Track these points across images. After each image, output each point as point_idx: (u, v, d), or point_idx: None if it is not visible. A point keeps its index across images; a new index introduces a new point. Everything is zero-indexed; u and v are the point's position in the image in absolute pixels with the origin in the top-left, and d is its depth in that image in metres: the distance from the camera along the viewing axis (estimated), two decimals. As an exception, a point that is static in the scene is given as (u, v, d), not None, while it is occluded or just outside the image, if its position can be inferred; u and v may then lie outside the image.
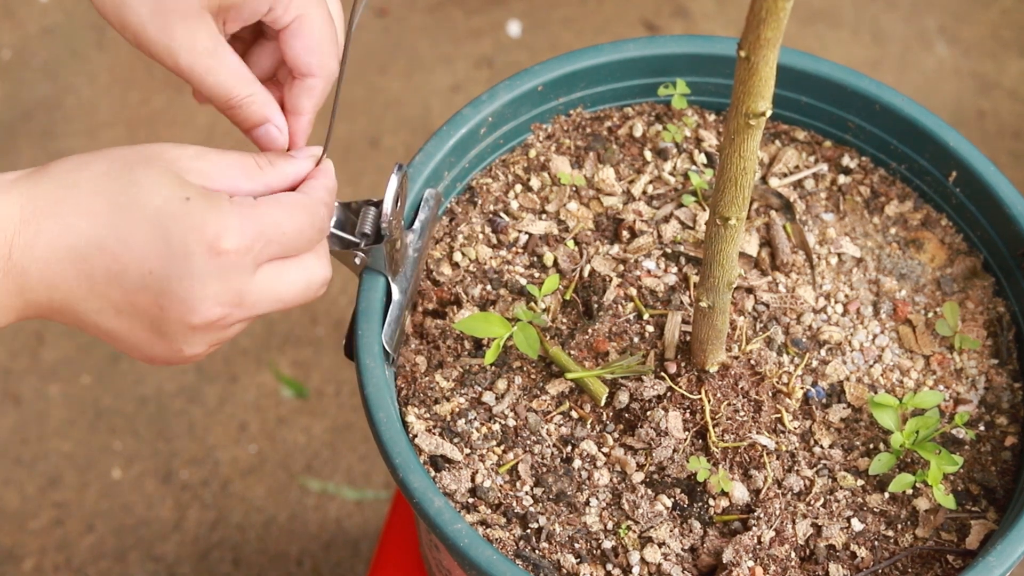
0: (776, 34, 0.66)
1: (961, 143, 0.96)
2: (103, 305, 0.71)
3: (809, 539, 0.86)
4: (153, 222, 0.70)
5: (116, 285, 0.71)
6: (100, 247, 0.70)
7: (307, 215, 0.76)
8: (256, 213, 0.73)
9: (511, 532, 0.85)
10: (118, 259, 0.70)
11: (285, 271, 0.75)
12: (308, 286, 0.77)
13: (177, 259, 0.70)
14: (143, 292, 0.71)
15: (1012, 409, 0.92)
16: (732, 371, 0.90)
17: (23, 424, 1.76)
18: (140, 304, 0.71)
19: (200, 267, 0.71)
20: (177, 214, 0.70)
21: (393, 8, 2.14)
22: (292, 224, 0.74)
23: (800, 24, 2.11)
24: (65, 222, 0.70)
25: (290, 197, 0.76)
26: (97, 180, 0.71)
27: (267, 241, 0.73)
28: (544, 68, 0.99)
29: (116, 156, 0.72)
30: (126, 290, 0.71)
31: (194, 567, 1.67)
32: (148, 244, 0.70)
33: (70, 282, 0.70)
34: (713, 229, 0.78)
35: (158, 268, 0.70)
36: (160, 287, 0.71)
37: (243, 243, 0.71)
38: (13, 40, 2.10)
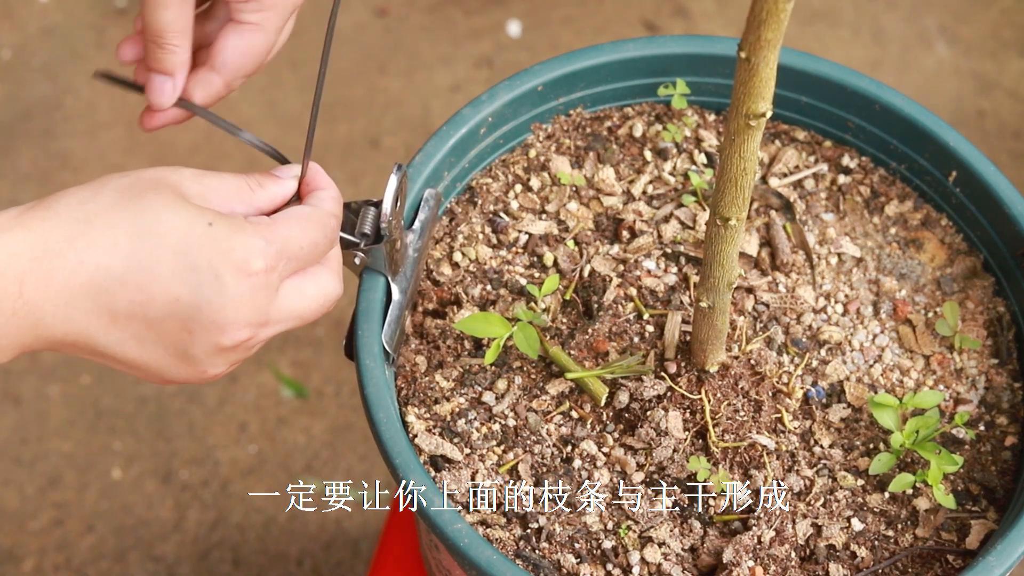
0: (776, 35, 0.66)
1: (961, 143, 0.96)
2: (124, 336, 0.72)
3: (809, 539, 0.86)
4: (177, 250, 0.70)
5: (140, 315, 0.71)
6: (122, 280, 0.70)
7: (320, 228, 0.77)
8: (275, 232, 0.74)
9: (511, 532, 0.85)
10: (143, 289, 0.70)
11: (304, 287, 0.76)
12: (324, 302, 0.78)
13: (207, 284, 0.71)
14: (170, 319, 0.71)
15: (1012, 409, 0.92)
16: (732, 371, 0.90)
17: (23, 424, 1.76)
18: (166, 331, 0.72)
19: (231, 290, 0.71)
20: (202, 240, 0.71)
21: (393, 8, 2.14)
22: (307, 239, 0.75)
23: (800, 24, 2.11)
24: (81, 257, 0.69)
25: (302, 212, 0.76)
26: (110, 212, 0.70)
27: (288, 258, 0.74)
28: (544, 68, 0.99)
29: (122, 186, 0.72)
30: (151, 319, 0.71)
31: (194, 567, 1.67)
32: (174, 272, 0.70)
33: (89, 316, 0.70)
34: (713, 229, 0.78)
35: (186, 295, 0.71)
36: (189, 313, 0.71)
37: (269, 263, 0.73)
38: (13, 40, 2.10)
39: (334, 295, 0.79)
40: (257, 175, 0.79)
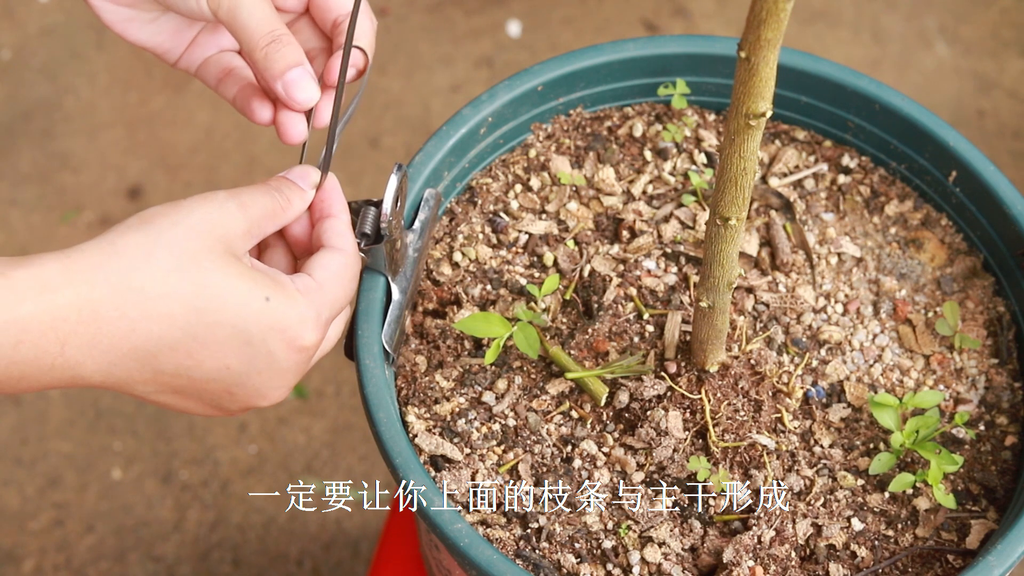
0: (776, 35, 0.66)
1: (961, 143, 0.96)
2: (163, 388, 0.72)
3: (809, 539, 0.86)
4: (235, 324, 0.71)
5: (185, 376, 0.72)
6: (173, 347, 0.70)
7: (354, 278, 0.79)
8: (323, 299, 0.75)
9: (511, 532, 0.85)
10: (192, 356, 0.71)
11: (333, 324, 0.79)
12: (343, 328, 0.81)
13: (260, 358, 0.72)
14: (214, 383, 0.73)
15: (1012, 409, 0.92)
16: (732, 371, 0.90)
17: (23, 425, 1.76)
18: (208, 391, 0.73)
19: (282, 363, 0.73)
20: (259, 316, 0.71)
21: (393, 8, 2.14)
22: (348, 294, 0.78)
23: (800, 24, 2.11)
24: (133, 326, 0.68)
25: (340, 265, 0.77)
26: (167, 281, 0.69)
27: (331, 315, 0.76)
28: (544, 68, 0.99)
29: (176, 246, 0.70)
30: (195, 380, 0.72)
31: (194, 568, 1.67)
32: (228, 344, 0.71)
33: (132, 372, 0.70)
34: (713, 229, 0.78)
35: (236, 365, 0.72)
36: (236, 380, 0.73)
37: (318, 334, 0.74)
38: (13, 40, 2.10)
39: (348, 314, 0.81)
40: (284, 189, 0.78)
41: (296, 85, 0.78)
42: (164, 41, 0.84)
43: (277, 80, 0.78)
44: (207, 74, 0.86)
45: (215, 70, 0.85)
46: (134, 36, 0.84)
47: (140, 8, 0.83)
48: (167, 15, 0.84)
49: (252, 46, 0.78)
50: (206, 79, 0.86)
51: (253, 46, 0.78)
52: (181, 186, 1.95)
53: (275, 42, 0.77)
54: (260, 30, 0.77)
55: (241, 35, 0.78)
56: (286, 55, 0.78)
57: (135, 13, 0.83)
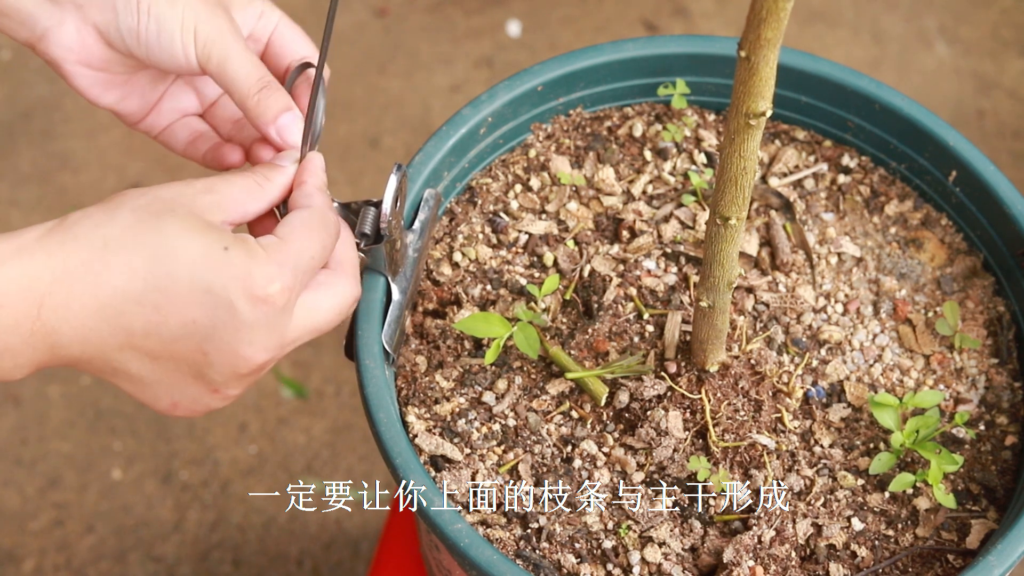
0: (776, 34, 0.66)
1: (961, 143, 0.96)
2: (138, 353, 0.72)
3: (809, 539, 0.86)
4: (194, 273, 0.71)
5: (155, 335, 0.71)
6: (138, 301, 0.70)
7: (322, 228, 0.77)
8: (286, 251, 0.74)
9: (511, 532, 0.85)
10: (158, 310, 0.71)
11: (319, 301, 0.77)
12: (341, 309, 0.78)
13: (221, 309, 0.71)
14: (185, 340, 0.72)
15: (1012, 408, 0.92)
16: (732, 371, 0.90)
17: (23, 425, 1.76)
18: (180, 351, 0.72)
19: (247, 317, 0.72)
20: (218, 264, 0.71)
21: (393, 8, 2.14)
22: (316, 245, 0.76)
23: (800, 24, 2.11)
24: (99, 280, 0.70)
25: (302, 219, 0.76)
26: (126, 235, 0.71)
27: (302, 273, 0.75)
28: (544, 68, 0.99)
29: (137, 206, 0.72)
30: (165, 339, 0.72)
31: (194, 568, 1.67)
32: (190, 295, 0.71)
33: (104, 336, 0.71)
34: (713, 229, 0.78)
35: (201, 318, 0.71)
36: (204, 335, 0.72)
37: (284, 287, 0.73)
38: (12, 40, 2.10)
39: (351, 299, 0.79)
40: (262, 169, 0.79)
41: (288, 129, 0.82)
42: (131, 103, 0.87)
43: (270, 125, 0.82)
44: (172, 139, 0.89)
45: (182, 134, 0.89)
46: (104, 99, 0.86)
47: (112, 70, 0.85)
48: (138, 75, 0.86)
49: (244, 95, 0.81)
50: (171, 144, 0.90)
51: (245, 95, 0.81)
52: (181, 186, 1.94)
53: (265, 88, 0.81)
54: (250, 79, 0.81)
55: (231, 85, 0.81)
56: (277, 101, 0.82)
57: (107, 76, 0.85)
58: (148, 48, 0.81)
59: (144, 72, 0.86)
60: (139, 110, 0.88)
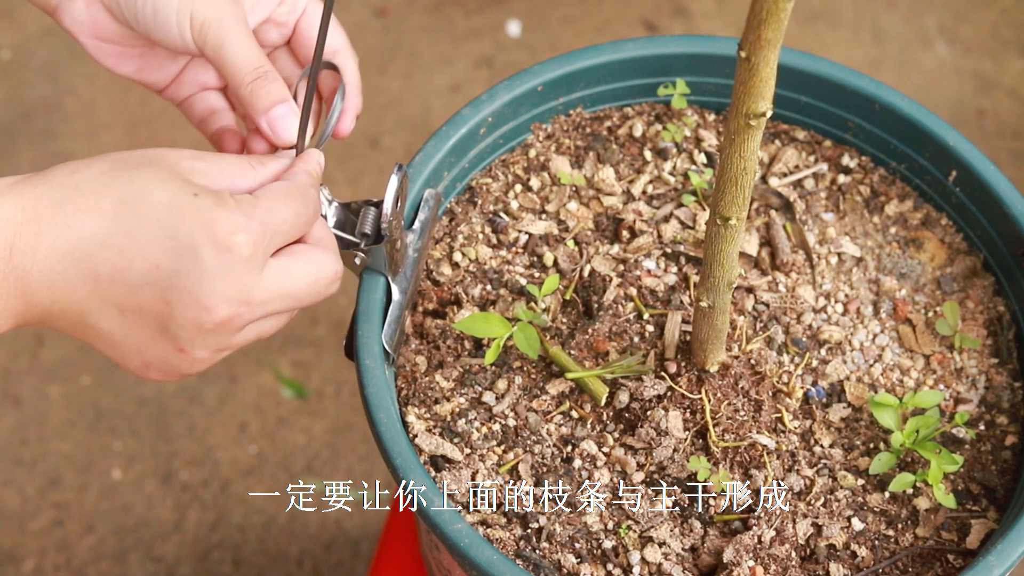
0: (776, 35, 0.66)
1: (961, 142, 0.96)
2: (105, 304, 0.71)
3: (809, 539, 0.86)
4: (160, 217, 0.70)
5: (120, 281, 0.70)
6: (104, 244, 0.70)
7: (299, 198, 0.76)
8: (257, 206, 0.73)
9: (511, 532, 0.85)
10: (124, 254, 0.70)
11: (290, 266, 0.75)
12: (317, 280, 0.76)
13: (185, 254, 0.70)
14: (148, 288, 0.71)
15: (1012, 408, 0.92)
16: (732, 371, 0.90)
17: (23, 425, 1.76)
18: (144, 300, 0.71)
19: (209, 263, 0.70)
20: (185, 209, 0.70)
21: (393, 8, 2.14)
22: (289, 210, 0.74)
23: (800, 24, 2.11)
24: (68, 222, 0.69)
25: (280, 186, 0.76)
26: (99, 179, 0.71)
27: (273, 232, 0.73)
28: (544, 68, 0.99)
29: (116, 157, 0.72)
30: (130, 286, 0.70)
31: (194, 568, 1.67)
32: (155, 239, 0.70)
33: (73, 282, 0.70)
34: (713, 229, 0.78)
35: (165, 263, 0.70)
36: (167, 282, 0.70)
37: (251, 239, 0.71)
38: (13, 41, 2.10)
39: (330, 273, 0.77)
40: (257, 155, 0.79)
41: (280, 122, 0.81)
42: (150, 75, 0.87)
43: (262, 116, 0.81)
44: (190, 110, 0.89)
45: (199, 108, 0.89)
46: (122, 70, 0.86)
47: (126, 44, 0.85)
48: (154, 50, 0.86)
49: (238, 82, 0.80)
50: (189, 115, 0.89)
51: (239, 82, 0.80)
52: (181, 186, 1.94)
53: (260, 79, 0.80)
54: (245, 67, 0.80)
55: (226, 71, 0.81)
56: (271, 92, 0.81)
57: (122, 49, 0.85)
58: (147, 27, 0.81)
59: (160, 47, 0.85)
60: (159, 81, 0.87)
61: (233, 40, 0.80)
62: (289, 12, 0.86)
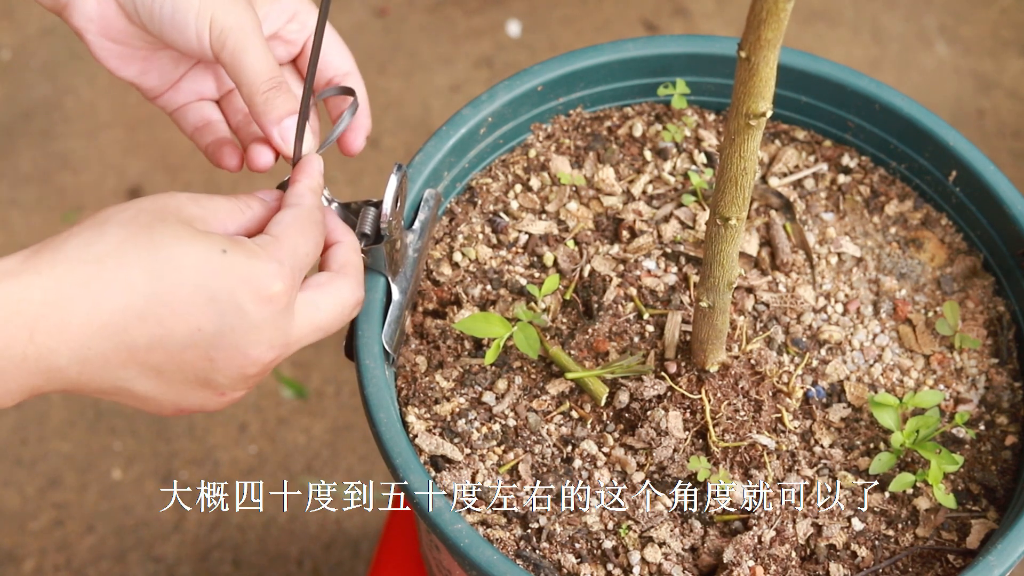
0: (777, 35, 0.66)
1: (961, 142, 0.96)
2: (143, 368, 0.71)
3: (810, 539, 0.86)
4: (197, 281, 0.70)
5: (160, 349, 0.70)
6: (142, 317, 0.69)
7: (314, 226, 0.76)
8: (283, 249, 0.73)
9: (511, 532, 0.85)
10: (162, 323, 0.69)
11: (318, 300, 0.76)
12: (342, 310, 0.77)
13: (229, 313, 0.70)
14: (191, 349, 0.71)
15: (1012, 408, 0.92)
16: (732, 371, 0.90)
17: (23, 425, 1.76)
18: (187, 361, 0.71)
19: (253, 317, 0.71)
20: (219, 269, 0.70)
21: (393, 8, 2.14)
22: (310, 243, 0.76)
23: (800, 23, 2.11)
24: (98, 299, 0.68)
25: (294, 218, 0.76)
26: (121, 250, 0.69)
27: (300, 270, 0.74)
28: (544, 68, 0.99)
29: (126, 221, 0.70)
30: (171, 351, 0.70)
31: (194, 568, 1.67)
32: (194, 304, 0.70)
33: (107, 354, 0.69)
34: (713, 229, 0.78)
35: (207, 325, 0.70)
36: (211, 342, 0.71)
37: (286, 285, 0.72)
38: (12, 41, 2.10)
39: (352, 301, 0.78)
40: (244, 197, 0.78)
41: (291, 132, 0.81)
42: (150, 79, 0.87)
43: (274, 126, 0.81)
44: (183, 119, 0.89)
45: (193, 118, 0.89)
46: (123, 72, 0.86)
47: (133, 46, 0.84)
48: (160, 53, 0.86)
49: (253, 90, 0.80)
50: (181, 124, 0.89)
51: (254, 90, 0.80)
52: (181, 186, 1.94)
53: (275, 88, 0.80)
54: (262, 75, 0.80)
55: (242, 78, 0.80)
56: (286, 102, 0.81)
57: (128, 50, 0.85)
58: (162, 28, 0.80)
59: (167, 51, 0.85)
60: (158, 86, 0.87)
61: (251, 48, 0.80)
62: (299, 30, 0.86)
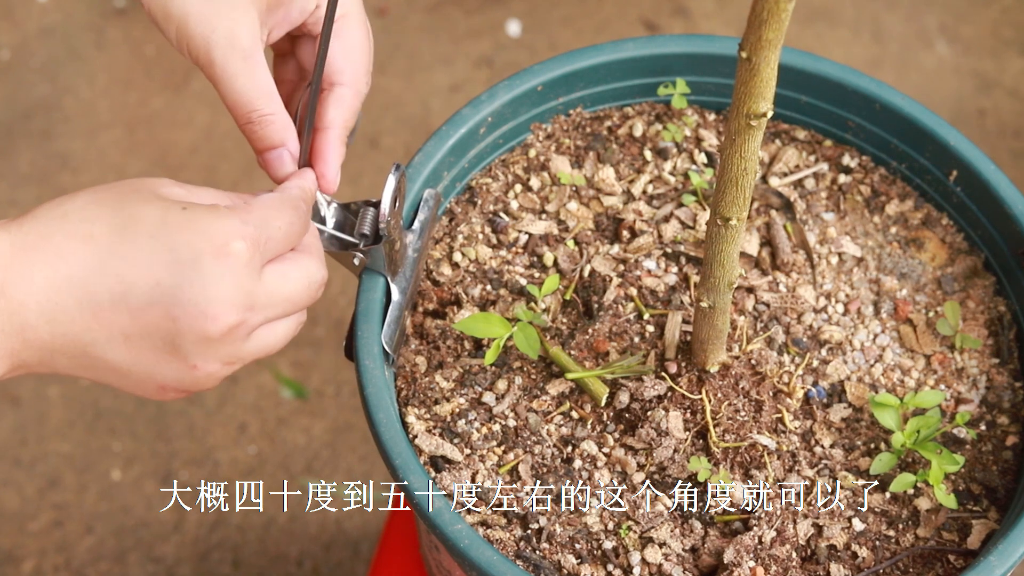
0: (777, 35, 0.66)
1: (961, 142, 0.96)
2: (110, 333, 0.70)
3: (810, 539, 0.86)
4: (154, 234, 0.70)
5: (122, 306, 0.70)
6: (101, 270, 0.69)
7: (291, 209, 0.76)
8: (252, 213, 0.73)
9: (511, 533, 0.85)
10: (122, 278, 0.69)
11: (287, 270, 0.75)
12: (309, 285, 0.76)
13: (185, 265, 0.69)
14: (152, 307, 0.70)
15: (1013, 408, 0.92)
16: (733, 371, 0.90)
17: (22, 425, 1.76)
18: (150, 321, 0.70)
19: (210, 270, 0.70)
20: (178, 222, 0.70)
21: (393, 8, 2.14)
22: (283, 219, 0.75)
23: (800, 23, 2.11)
24: (60, 251, 0.69)
25: (272, 196, 0.76)
26: (87, 207, 0.71)
27: (267, 239, 0.73)
28: (544, 68, 0.99)
29: (99, 188, 0.72)
30: (133, 308, 0.70)
31: (194, 568, 1.67)
32: (152, 256, 0.69)
33: (72, 312, 0.69)
34: (714, 229, 0.78)
35: (166, 279, 0.69)
36: (171, 297, 0.70)
37: (248, 243, 0.71)
38: (12, 40, 2.10)
39: (319, 279, 0.77)
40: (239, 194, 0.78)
41: (273, 164, 0.82)
42: None
43: (258, 155, 0.82)
44: None
45: None
46: None
47: None
48: None
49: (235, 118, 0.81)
50: None
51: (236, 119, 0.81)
52: (181, 186, 1.94)
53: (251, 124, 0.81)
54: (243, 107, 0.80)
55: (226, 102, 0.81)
56: (263, 138, 0.81)
57: None
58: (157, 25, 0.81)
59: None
60: None
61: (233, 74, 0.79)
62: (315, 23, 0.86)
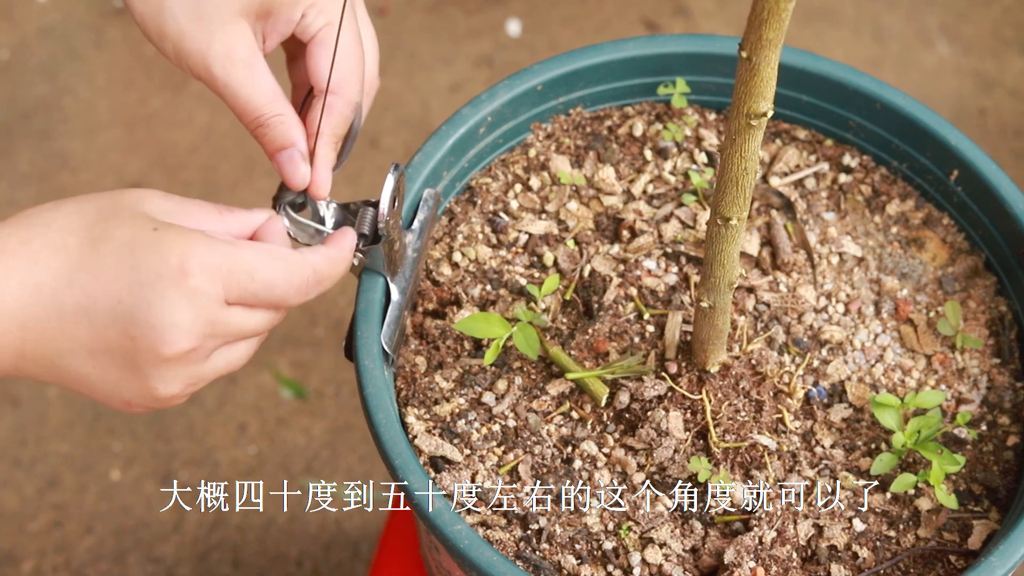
0: (778, 35, 0.65)
1: (962, 141, 0.96)
2: (74, 345, 0.70)
3: (811, 539, 0.86)
4: (122, 252, 0.70)
5: (86, 320, 0.70)
6: (70, 282, 0.69)
7: (286, 271, 0.74)
8: (228, 248, 0.72)
9: (511, 533, 0.85)
10: (87, 293, 0.70)
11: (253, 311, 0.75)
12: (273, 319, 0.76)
13: (145, 286, 0.69)
14: (112, 326, 0.70)
15: (1014, 409, 0.92)
16: (733, 371, 0.89)
17: (22, 425, 1.76)
18: (111, 338, 0.70)
19: (168, 292, 0.69)
20: (145, 242, 0.70)
21: (393, 8, 2.14)
22: (264, 273, 0.73)
23: (800, 23, 2.11)
24: (36, 257, 0.69)
25: (276, 248, 0.75)
26: (68, 218, 0.71)
27: (236, 281, 0.72)
28: (544, 67, 0.99)
29: (86, 198, 0.72)
30: (96, 324, 0.70)
31: (194, 568, 1.67)
32: (117, 274, 0.69)
33: (40, 321, 0.70)
34: (714, 229, 0.78)
35: (127, 297, 0.69)
36: (130, 317, 0.70)
37: (210, 272, 0.70)
38: (11, 40, 2.10)
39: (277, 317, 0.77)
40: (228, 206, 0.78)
41: (286, 166, 0.81)
42: None
43: (271, 157, 0.81)
44: None
45: None
46: None
47: None
48: None
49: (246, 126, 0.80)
50: None
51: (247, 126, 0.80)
52: (180, 186, 1.94)
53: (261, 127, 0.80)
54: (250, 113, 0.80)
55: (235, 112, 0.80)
56: (274, 139, 0.80)
57: None
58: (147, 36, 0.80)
59: None
60: None
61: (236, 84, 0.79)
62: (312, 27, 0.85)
